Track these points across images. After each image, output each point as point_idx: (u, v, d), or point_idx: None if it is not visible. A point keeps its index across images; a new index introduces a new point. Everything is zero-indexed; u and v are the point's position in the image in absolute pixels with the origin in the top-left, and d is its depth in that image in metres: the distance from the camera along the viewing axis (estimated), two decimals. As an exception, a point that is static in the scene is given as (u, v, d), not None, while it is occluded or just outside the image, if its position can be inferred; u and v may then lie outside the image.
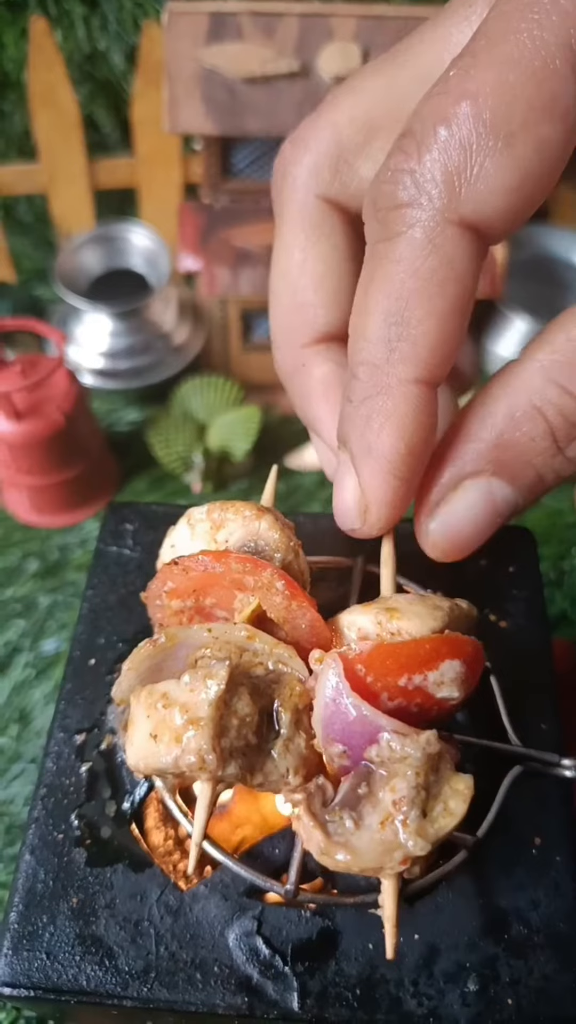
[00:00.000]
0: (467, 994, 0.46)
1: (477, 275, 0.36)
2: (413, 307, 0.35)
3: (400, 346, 0.36)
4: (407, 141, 0.34)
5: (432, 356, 0.36)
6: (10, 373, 0.93)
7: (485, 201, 0.33)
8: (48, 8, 1.12)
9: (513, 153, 0.32)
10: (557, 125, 0.32)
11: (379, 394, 0.37)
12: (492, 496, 0.39)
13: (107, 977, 0.46)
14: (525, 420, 0.36)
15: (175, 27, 0.96)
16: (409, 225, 0.34)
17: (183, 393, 1.14)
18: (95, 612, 0.60)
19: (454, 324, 0.36)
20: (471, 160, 0.32)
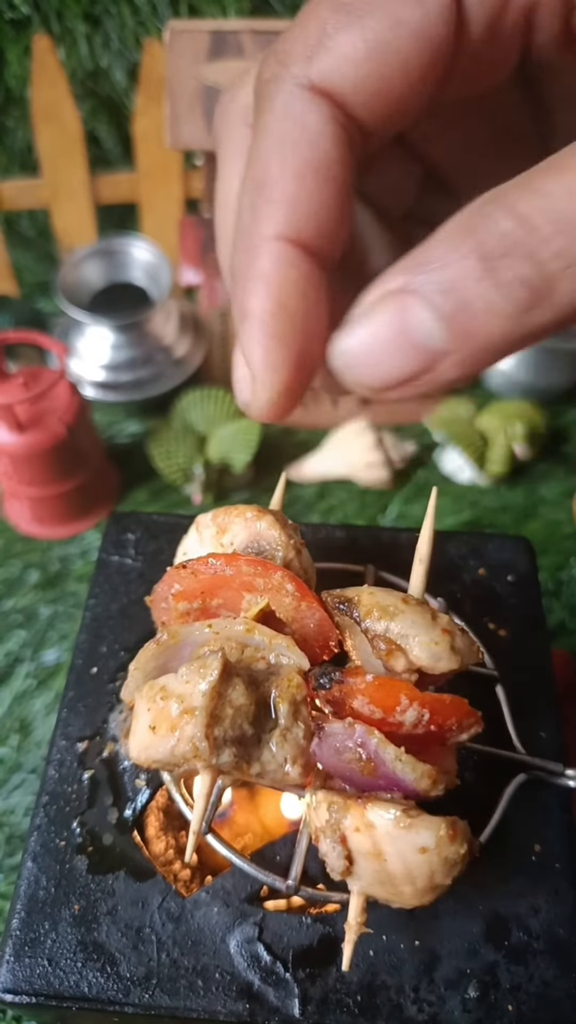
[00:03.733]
0: (468, 1000, 0.46)
1: (344, 144, 0.37)
2: (270, 168, 0.37)
3: (260, 205, 0.37)
4: (285, 31, 0.37)
5: (292, 212, 0.37)
6: (12, 385, 0.94)
7: (333, 68, 0.35)
8: (51, 26, 1.13)
9: (362, 26, 0.34)
10: (415, 8, 0.34)
11: (248, 258, 0.38)
12: (405, 316, 0.35)
13: (109, 984, 0.46)
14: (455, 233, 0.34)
15: (176, 44, 0.97)
16: (271, 97, 0.37)
17: (184, 405, 1.15)
18: (97, 621, 0.60)
19: (313, 184, 0.36)
20: (325, 36, 0.35)
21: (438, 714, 0.40)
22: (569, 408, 1.23)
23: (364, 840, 0.39)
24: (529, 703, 0.56)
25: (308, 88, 0.36)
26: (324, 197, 0.37)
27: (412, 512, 1.11)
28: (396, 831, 0.38)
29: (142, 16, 1.14)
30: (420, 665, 0.42)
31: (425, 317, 0.34)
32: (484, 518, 1.12)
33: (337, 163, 0.37)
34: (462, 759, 0.53)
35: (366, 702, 0.41)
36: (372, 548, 0.65)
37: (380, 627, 0.43)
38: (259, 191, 0.38)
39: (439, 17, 0.34)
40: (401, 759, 0.39)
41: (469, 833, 0.40)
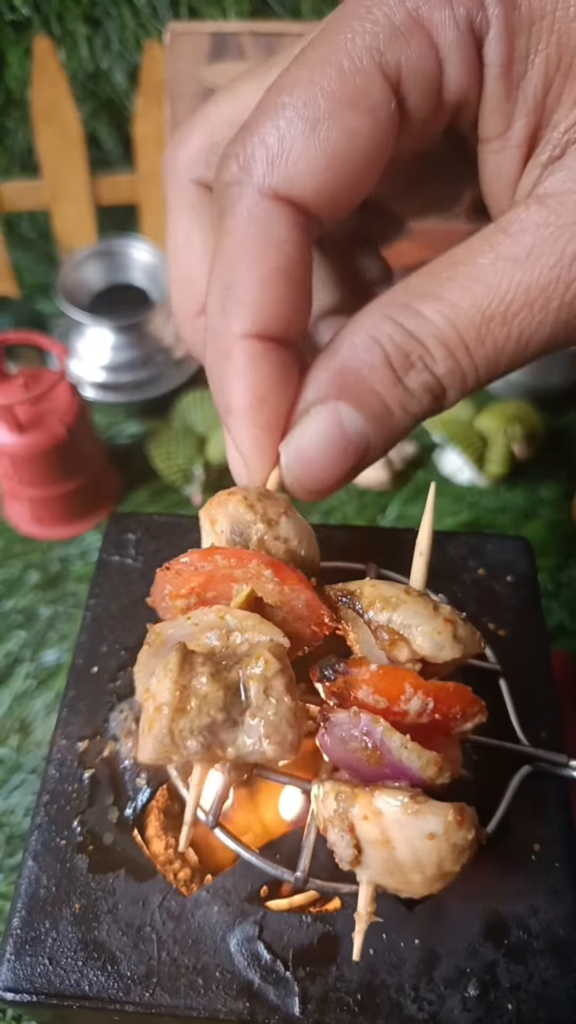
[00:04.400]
0: (467, 999, 0.46)
1: (304, 244, 0.40)
2: (238, 272, 0.40)
3: (229, 307, 0.41)
4: (242, 131, 0.39)
5: (260, 312, 0.40)
6: (13, 386, 0.94)
7: (295, 177, 0.38)
8: (52, 28, 1.13)
9: (318, 137, 0.37)
10: (364, 117, 0.37)
11: (223, 356, 0.42)
12: (339, 420, 0.40)
13: (109, 982, 0.46)
14: (363, 349, 0.39)
15: (177, 46, 0.98)
16: (235, 201, 0.39)
17: (184, 406, 1.15)
18: (98, 621, 0.61)
19: (279, 286, 0.40)
20: (284, 144, 0.37)
21: (442, 702, 0.41)
22: (568, 409, 1.23)
23: (372, 828, 0.39)
24: (529, 702, 0.56)
25: (271, 196, 0.39)
26: (291, 297, 0.41)
27: (411, 513, 1.12)
28: (404, 818, 0.38)
29: (142, 18, 1.14)
30: (423, 655, 0.42)
31: (356, 419, 0.40)
32: (483, 519, 1.12)
33: (300, 264, 0.41)
34: (465, 754, 0.53)
35: (371, 691, 0.41)
36: (372, 547, 0.65)
37: (383, 618, 0.43)
38: (228, 295, 0.41)
39: (386, 123, 0.38)
40: (407, 747, 0.39)
41: (476, 820, 0.40)
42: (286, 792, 0.57)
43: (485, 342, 0.36)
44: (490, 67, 0.37)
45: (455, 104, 0.39)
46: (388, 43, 0.36)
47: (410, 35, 0.36)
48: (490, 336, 0.36)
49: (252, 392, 0.42)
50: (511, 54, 0.36)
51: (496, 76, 0.37)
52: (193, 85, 1.00)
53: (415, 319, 0.37)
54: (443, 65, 0.37)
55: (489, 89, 0.38)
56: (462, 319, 0.36)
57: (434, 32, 0.36)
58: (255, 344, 0.41)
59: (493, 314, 0.36)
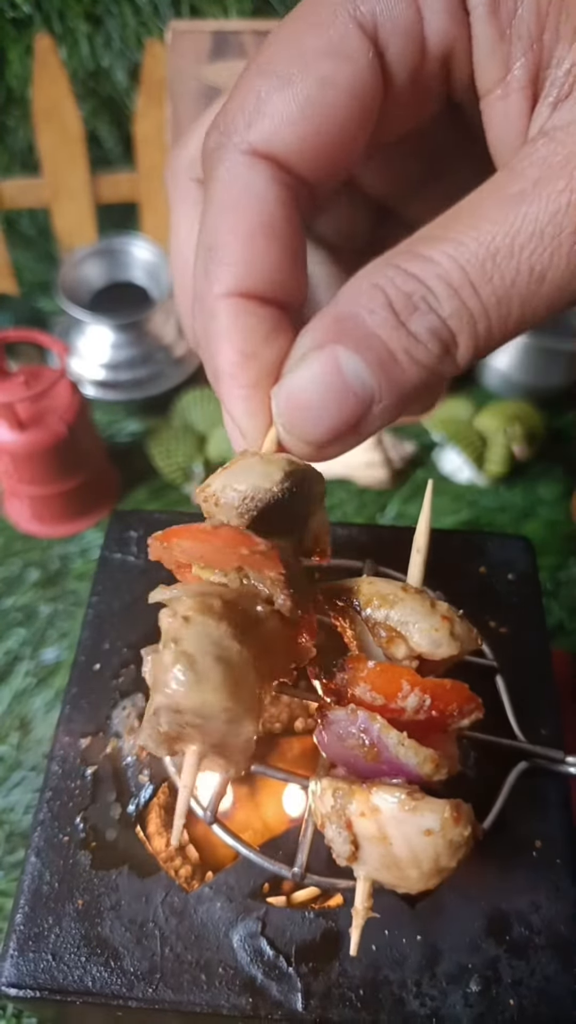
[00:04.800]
0: (469, 995, 0.46)
1: (287, 201, 0.39)
2: (219, 232, 0.39)
3: (211, 268, 0.39)
4: (225, 101, 0.39)
5: (242, 271, 0.39)
6: (13, 384, 0.94)
7: (271, 131, 0.37)
8: (53, 26, 1.13)
9: (294, 90, 0.36)
10: (339, 65, 0.36)
11: (207, 318, 0.40)
12: (337, 363, 0.37)
13: (112, 978, 0.46)
14: (364, 294, 0.36)
15: (178, 45, 0.98)
16: (215, 165, 0.39)
17: (184, 404, 1.15)
18: (100, 618, 0.61)
19: (262, 243, 0.39)
20: (261, 102, 0.37)
21: (439, 699, 0.41)
22: (567, 409, 1.23)
23: (369, 824, 0.39)
24: (529, 700, 0.56)
25: (250, 153, 0.38)
26: (273, 253, 0.39)
27: (411, 512, 1.12)
28: (401, 814, 0.39)
29: (144, 16, 1.14)
30: (420, 651, 0.42)
31: (356, 363, 0.36)
32: (483, 518, 1.12)
33: (283, 221, 0.39)
34: (463, 751, 0.53)
35: (368, 689, 0.41)
36: (371, 545, 0.65)
37: (380, 615, 0.43)
38: (210, 256, 0.39)
39: (365, 73, 0.36)
40: (404, 744, 0.39)
41: (473, 816, 0.40)
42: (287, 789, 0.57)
43: (492, 278, 0.34)
44: (475, 9, 0.35)
45: (441, 53, 0.37)
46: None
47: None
48: (497, 271, 0.34)
49: (236, 349, 0.40)
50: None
51: (483, 17, 0.36)
52: (194, 84, 1.00)
53: (418, 262, 0.35)
54: (422, 11, 0.36)
55: (479, 33, 0.36)
56: (466, 255, 0.34)
57: None
58: (238, 301, 0.39)
59: (499, 247, 0.33)
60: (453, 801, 0.39)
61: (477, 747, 0.54)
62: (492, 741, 0.52)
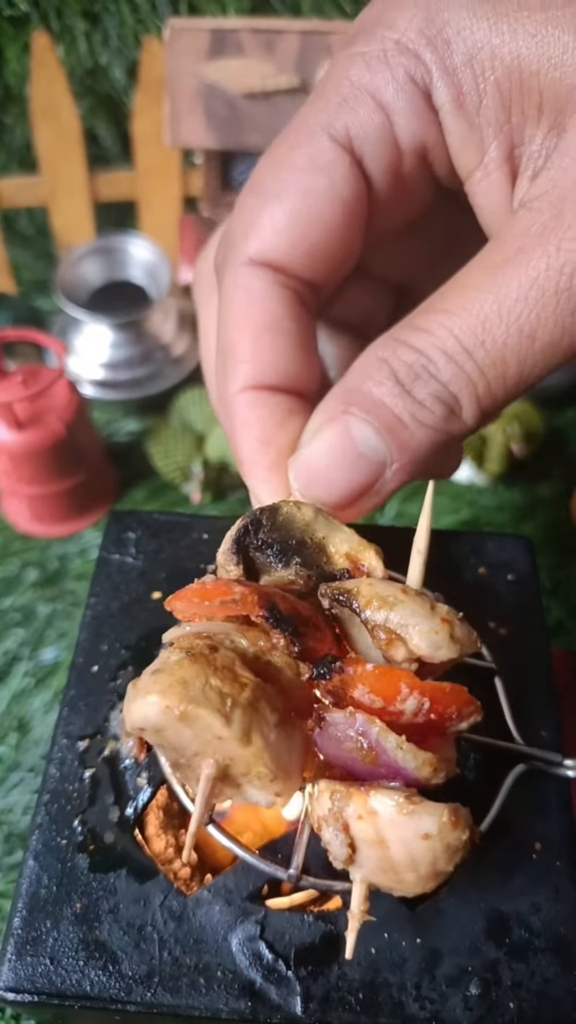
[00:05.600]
0: (469, 998, 0.46)
1: (289, 300, 0.43)
2: (230, 336, 0.43)
3: (225, 370, 0.44)
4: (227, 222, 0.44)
5: (252, 367, 0.43)
6: (11, 383, 0.94)
7: (263, 241, 0.42)
8: (50, 23, 1.13)
9: (280, 203, 0.41)
10: (318, 177, 0.40)
11: (228, 415, 0.44)
12: (348, 431, 0.40)
13: (111, 982, 0.46)
14: (371, 368, 0.40)
15: (176, 43, 0.97)
16: (223, 276, 0.43)
17: (182, 404, 1.15)
18: (98, 619, 0.60)
19: (267, 339, 0.43)
20: (256, 218, 0.42)
21: (438, 702, 0.41)
22: (567, 408, 1.23)
23: (367, 828, 0.39)
24: (529, 701, 0.56)
25: (248, 263, 0.42)
26: (280, 348, 0.43)
27: (410, 511, 1.11)
28: (399, 818, 0.38)
29: (142, 14, 1.14)
30: (420, 654, 0.42)
31: (366, 431, 0.40)
32: (482, 517, 1.12)
33: (287, 318, 0.43)
34: (463, 755, 0.53)
35: (367, 691, 0.41)
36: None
37: (380, 617, 0.43)
38: (224, 358, 0.44)
39: (343, 180, 0.41)
40: (402, 747, 0.39)
41: (471, 820, 0.40)
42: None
43: (484, 343, 0.36)
44: (442, 107, 0.39)
45: (415, 149, 0.41)
46: (336, 114, 0.40)
47: (356, 102, 0.40)
48: (488, 336, 0.36)
49: (253, 438, 0.43)
50: (459, 89, 0.38)
51: (451, 113, 0.39)
52: (193, 81, 0.99)
53: (417, 334, 0.38)
54: (391, 118, 0.40)
55: (450, 127, 0.40)
56: (458, 324, 0.37)
57: (378, 94, 0.39)
58: (251, 394, 0.43)
59: (487, 313, 0.36)
60: (451, 805, 0.39)
61: (477, 749, 0.53)
62: (490, 743, 0.52)
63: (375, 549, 0.46)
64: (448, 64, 0.38)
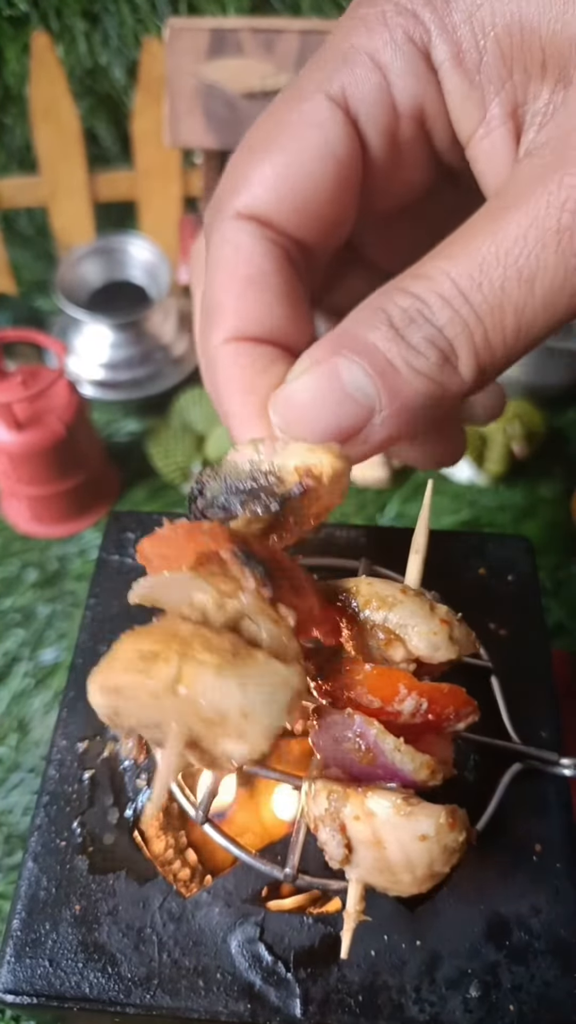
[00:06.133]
0: (469, 1000, 0.46)
1: (275, 255, 0.42)
2: (215, 290, 0.42)
3: (208, 322, 0.42)
4: (217, 186, 0.43)
5: (234, 319, 0.42)
6: (11, 384, 0.94)
7: (252, 195, 0.41)
8: (50, 23, 1.13)
9: (270, 159, 0.40)
10: (312, 130, 0.40)
11: (211, 368, 0.43)
12: (336, 371, 0.39)
13: (110, 984, 0.46)
14: (366, 312, 0.38)
15: (176, 43, 0.97)
16: (211, 233, 0.42)
17: (182, 404, 1.15)
18: (98, 620, 0.60)
19: (251, 294, 0.42)
20: (243, 173, 0.41)
21: (436, 703, 0.41)
22: (568, 408, 1.23)
23: (364, 828, 0.39)
24: (529, 702, 0.56)
25: (236, 217, 0.41)
26: (265, 302, 0.42)
27: (410, 511, 1.11)
28: (396, 819, 0.38)
29: (141, 14, 1.14)
30: (419, 655, 0.42)
31: (356, 372, 0.38)
32: (483, 517, 1.12)
33: (273, 273, 0.42)
34: (463, 755, 0.53)
35: (364, 692, 0.41)
36: (371, 546, 0.65)
37: (378, 617, 0.43)
38: (208, 311, 0.43)
39: (336, 137, 0.40)
40: (400, 750, 0.39)
41: (467, 821, 0.40)
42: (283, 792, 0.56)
43: (482, 286, 0.35)
44: (441, 65, 0.38)
45: (413, 111, 0.40)
46: (332, 74, 0.40)
47: (353, 63, 0.39)
48: (486, 279, 0.35)
49: (236, 387, 0.42)
50: (458, 46, 0.37)
51: (450, 71, 0.38)
52: (192, 81, 0.99)
53: (416, 280, 0.37)
54: (388, 77, 0.39)
55: (449, 87, 0.39)
56: (456, 268, 0.36)
57: (376, 54, 0.39)
58: (233, 345, 0.42)
59: (485, 256, 0.35)
60: (448, 807, 0.39)
61: (476, 749, 0.53)
62: (486, 742, 0.52)
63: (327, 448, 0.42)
64: (447, 22, 0.37)
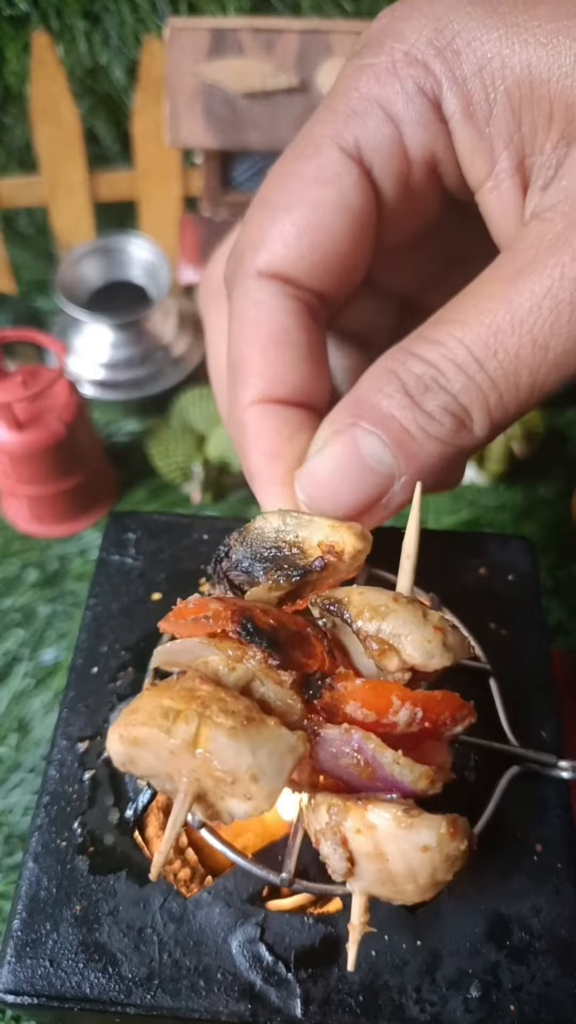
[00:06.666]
0: (469, 1000, 0.46)
1: (298, 312, 0.43)
2: (240, 348, 0.43)
3: (237, 381, 0.43)
4: (236, 236, 0.44)
5: (261, 380, 0.43)
6: (11, 384, 0.94)
7: (273, 253, 0.42)
8: (50, 23, 1.13)
9: (290, 216, 0.41)
10: (326, 188, 0.40)
11: (238, 427, 0.44)
12: (355, 443, 0.40)
13: (110, 984, 0.46)
14: (380, 379, 0.39)
15: (176, 42, 0.97)
16: (232, 289, 0.43)
17: (182, 404, 1.15)
18: (98, 620, 0.60)
19: (276, 351, 0.43)
20: (263, 231, 0.42)
21: (431, 710, 0.41)
22: (567, 408, 1.23)
23: (366, 841, 0.39)
24: (529, 702, 0.56)
25: (258, 276, 0.42)
26: (289, 360, 0.43)
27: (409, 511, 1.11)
28: (398, 831, 0.38)
29: (142, 13, 1.14)
30: (413, 664, 0.42)
31: (374, 443, 0.39)
32: (483, 517, 1.12)
33: (297, 329, 0.43)
34: (463, 756, 0.53)
35: (358, 706, 0.41)
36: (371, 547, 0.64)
37: (371, 627, 0.42)
38: (234, 371, 0.44)
39: (352, 191, 0.41)
40: (399, 763, 0.39)
41: (469, 829, 0.40)
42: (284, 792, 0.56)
43: (496, 353, 0.36)
44: (452, 117, 0.39)
45: (424, 160, 0.41)
46: (345, 125, 0.40)
47: (365, 114, 0.40)
48: (500, 347, 0.36)
49: (263, 451, 0.43)
50: (468, 99, 0.38)
51: (461, 123, 0.39)
52: (192, 81, 0.99)
53: (428, 345, 0.38)
54: (400, 128, 0.40)
55: (459, 137, 0.40)
56: (470, 335, 0.36)
57: (387, 105, 0.39)
58: (261, 408, 0.43)
59: (500, 324, 0.36)
60: (449, 817, 0.39)
61: (480, 752, 0.53)
62: (484, 745, 0.52)
63: (349, 527, 0.45)
64: (458, 74, 0.38)
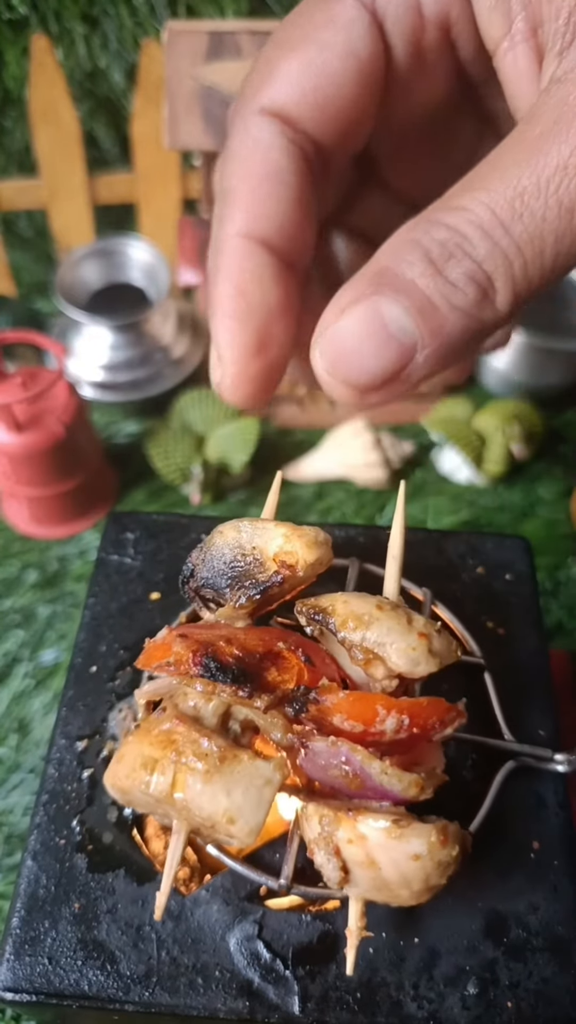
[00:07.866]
0: (467, 997, 0.46)
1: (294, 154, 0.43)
2: (232, 180, 0.43)
3: (223, 211, 0.43)
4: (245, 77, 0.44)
5: (248, 213, 0.42)
6: (11, 385, 0.94)
7: (276, 90, 0.41)
8: (49, 26, 1.13)
9: (296, 55, 0.41)
10: (339, 31, 0.40)
11: (215, 257, 0.43)
12: (379, 312, 0.38)
13: (109, 982, 0.46)
14: (403, 248, 0.38)
15: (175, 45, 0.97)
16: (233, 126, 0.43)
17: (182, 405, 1.15)
18: (97, 620, 0.60)
19: (267, 188, 0.42)
20: (270, 69, 0.42)
21: (418, 716, 0.41)
22: (566, 408, 1.23)
23: (357, 851, 0.39)
24: (527, 701, 0.56)
25: (259, 112, 0.42)
26: (278, 199, 0.42)
27: (409, 512, 1.12)
28: (388, 842, 0.39)
29: (140, 17, 1.14)
30: (399, 672, 0.42)
31: (397, 311, 0.38)
32: (482, 518, 1.12)
33: (288, 170, 0.42)
34: (461, 754, 0.53)
35: (344, 718, 0.41)
36: (369, 546, 0.65)
37: (356, 637, 0.42)
38: (222, 202, 0.43)
39: (361, 38, 0.40)
40: (387, 772, 0.39)
41: (460, 833, 0.40)
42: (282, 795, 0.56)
43: (522, 216, 0.35)
44: None
45: (439, 18, 0.41)
46: None
47: None
48: (527, 209, 0.35)
49: (232, 284, 0.42)
50: None
51: None
52: (191, 84, 0.99)
53: (452, 212, 0.37)
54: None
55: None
56: (495, 198, 0.36)
57: None
58: (242, 241, 0.42)
59: (526, 186, 0.35)
60: (438, 824, 0.39)
61: (477, 748, 0.53)
62: (480, 741, 0.52)
63: (301, 536, 0.45)
64: None
